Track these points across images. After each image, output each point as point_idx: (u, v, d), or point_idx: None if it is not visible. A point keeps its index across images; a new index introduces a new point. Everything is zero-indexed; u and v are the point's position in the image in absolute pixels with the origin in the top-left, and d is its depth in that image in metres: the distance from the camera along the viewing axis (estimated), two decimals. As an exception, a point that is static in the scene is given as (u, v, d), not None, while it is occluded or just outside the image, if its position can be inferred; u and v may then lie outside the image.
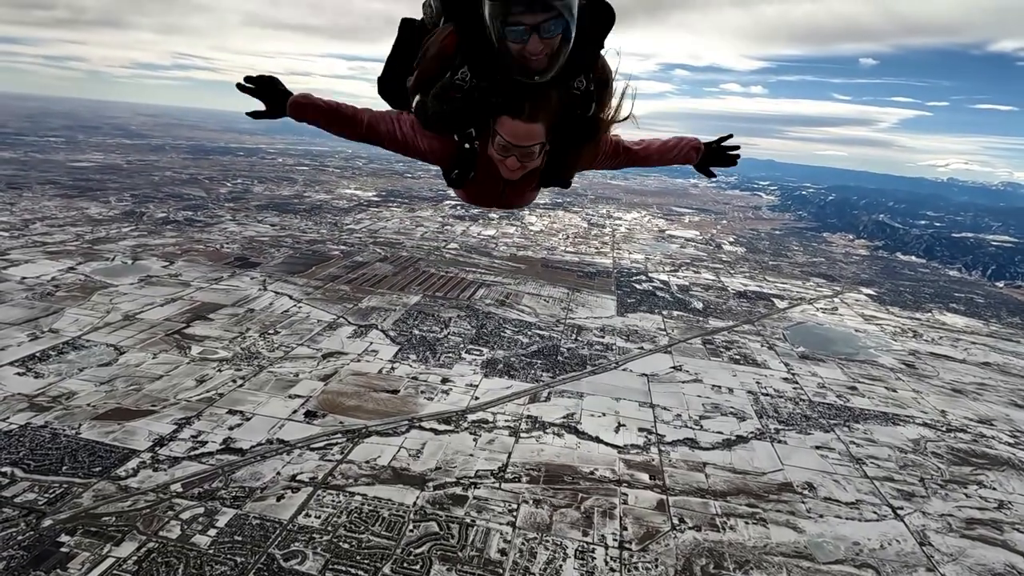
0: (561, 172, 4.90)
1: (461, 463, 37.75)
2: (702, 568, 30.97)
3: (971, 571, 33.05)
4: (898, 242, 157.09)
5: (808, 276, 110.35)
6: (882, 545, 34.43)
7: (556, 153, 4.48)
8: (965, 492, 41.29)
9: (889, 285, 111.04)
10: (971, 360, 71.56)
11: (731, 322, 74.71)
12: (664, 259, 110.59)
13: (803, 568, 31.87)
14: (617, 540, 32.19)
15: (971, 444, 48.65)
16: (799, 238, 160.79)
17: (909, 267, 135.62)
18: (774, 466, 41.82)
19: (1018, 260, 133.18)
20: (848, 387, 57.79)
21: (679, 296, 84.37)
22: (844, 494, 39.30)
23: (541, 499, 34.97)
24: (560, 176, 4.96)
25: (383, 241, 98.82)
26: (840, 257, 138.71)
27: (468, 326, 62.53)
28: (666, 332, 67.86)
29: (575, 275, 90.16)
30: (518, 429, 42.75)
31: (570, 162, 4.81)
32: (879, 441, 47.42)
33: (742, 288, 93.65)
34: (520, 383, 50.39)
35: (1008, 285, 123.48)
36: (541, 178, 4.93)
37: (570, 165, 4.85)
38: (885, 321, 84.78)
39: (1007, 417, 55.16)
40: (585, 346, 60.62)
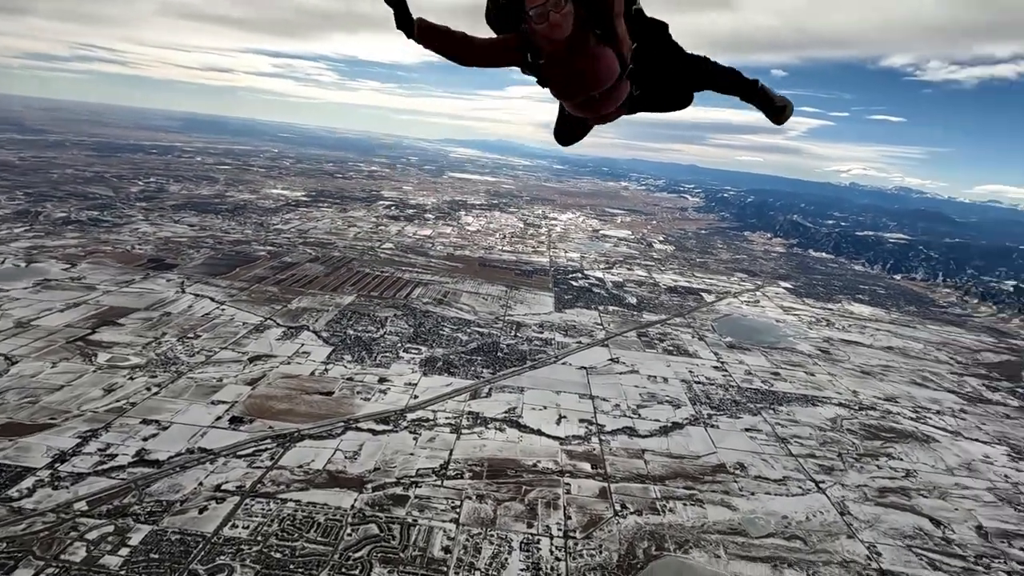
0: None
1: (401, 463, 36.51)
2: (644, 550, 31.46)
3: (885, 535, 35.56)
4: (810, 240, 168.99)
5: (732, 272, 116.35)
6: (808, 517, 36.40)
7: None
8: (877, 464, 44.53)
9: (804, 279, 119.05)
10: (877, 345, 77.75)
11: (664, 316, 77.26)
12: (599, 257, 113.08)
13: (738, 543, 33.10)
14: (562, 530, 32.13)
15: (880, 420, 52.66)
16: (723, 237, 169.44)
17: (820, 262, 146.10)
18: (708, 449, 43.37)
19: (912, 255, 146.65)
20: (772, 373, 61.11)
21: (614, 292, 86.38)
22: (772, 472, 41.32)
23: (485, 494, 34.38)
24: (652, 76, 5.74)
25: (314, 241, 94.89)
26: (760, 254, 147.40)
27: (405, 325, 60.99)
28: (603, 326, 69.16)
29: (513, 273, 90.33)
30: (459, 426, 41.96)
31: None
32: (801, 421, 50.37)
33: (673, 284, 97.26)
34: (460, 380, 49.59)
35: (904, 277, 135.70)
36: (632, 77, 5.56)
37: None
38: (802, 311, 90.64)
39: (909, 395, 60.22)
40: (525, 342, 60.65)
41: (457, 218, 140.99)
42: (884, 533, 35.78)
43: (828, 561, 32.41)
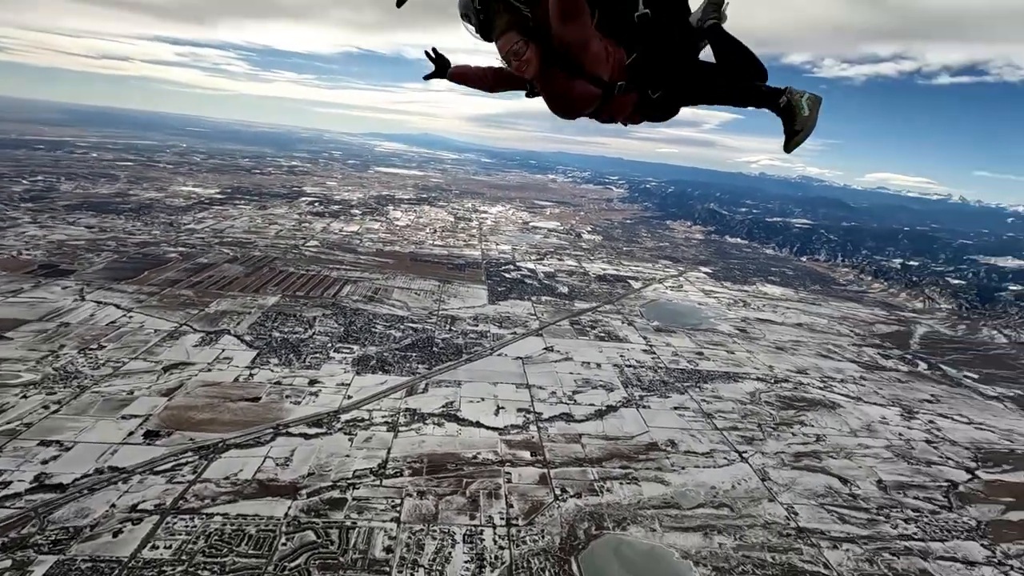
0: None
1: (337, 465, 35.35)
2: (585, 531, 32.31)
3: (801, 496, 38.50)
4: (726, 227, 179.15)
5: (657, 259, 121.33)
6: (733, 485, 38.74)
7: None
8: (792, 432, 48.09)
9: (722, 264, 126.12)
10: (788, 322, 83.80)
11: (594, 303, 79.35)
12: (530, 249, 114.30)
13: (672, 516, 34.71)
14: (504, 518, 32.35)
15: (793, 391, 56.86)
16: (647, 226, 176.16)
17: (736, 248, 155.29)
18: (641, 429, 45.11)
19: (815, 239, 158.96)
20: (696, 353, 64.37)
21: (546, 282, 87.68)
22: (700, 446, 43.61)
23: (425, 490, 33.99)
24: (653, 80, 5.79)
25: (231, 241, 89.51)
26: (681, 241, 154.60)
27: (335, 324, 58.95)
28: (536, 316, 70.06)
29: (445, 267, 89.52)
30: (396, 423, 41.18)
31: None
32: (724, 397, 53.45)
33: (602, 272, 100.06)
34: (395, 377, 48.63)
35: (809, 259, 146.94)
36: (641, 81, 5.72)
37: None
38: (721, 294, 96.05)
39: (817, 367, 65.40)
40: (460, 335, 60.34)
41: (385, 213, 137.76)
42: (800, 494, 38.73)
43: (753, 524, 34.68)
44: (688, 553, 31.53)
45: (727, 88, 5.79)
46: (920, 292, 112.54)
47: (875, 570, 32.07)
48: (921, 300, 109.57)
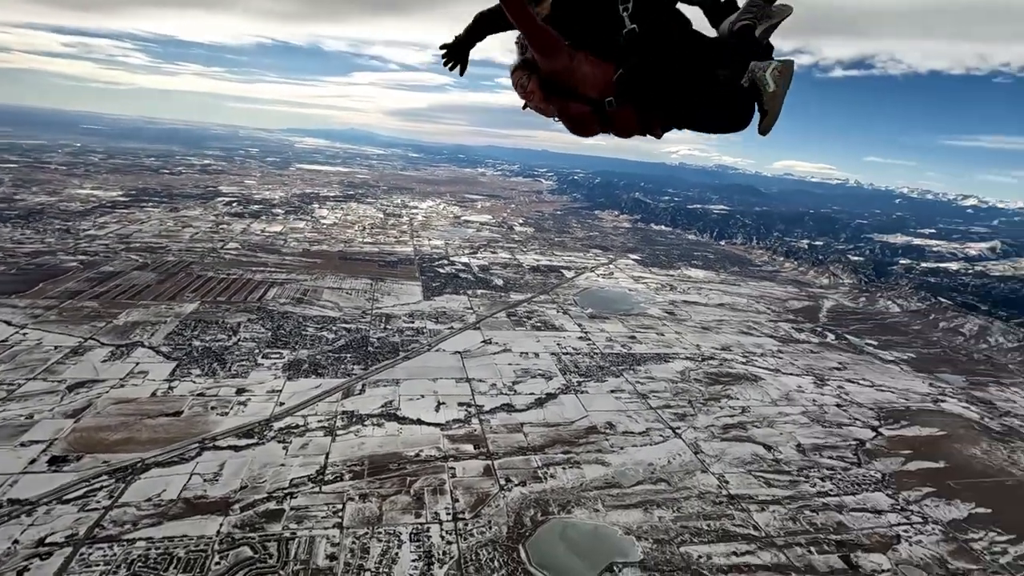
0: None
1: (272, 476, 33.78)
2: (531, 518, 32.74)
3: (731, 465, 40.87)
4: (651, 215, 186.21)
5: (587, 248, 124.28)
6: (669, 461, 40.52)
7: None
8: (719, 405, 50.89)
9: (649, 250, 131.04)
10: (711, 303, 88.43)
11: (529, 294, 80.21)
12: (463, 243, 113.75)
13: (613, 495, 35.85)
14: (450, 513, 32.18)
15: (719, 367, 60.12)
16: (576, 216, 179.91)
17: (661, 235, 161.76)
18: (580, 414, 46.18)
19: (732, 223, 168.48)
20: (629, 337, 66.63)
21: (481, 275, 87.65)
22: (636, 426, 45.26)
23: (368, 493, 33.18)
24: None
25: (140, 247, 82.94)
26: (610, 230, 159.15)
27: (262, 329, 56.13)
28: (473, 310, 69.91)
29: (377, 265, 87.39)
30: (334, 427, 39.86)
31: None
32: (657, 377, 55.70)
33: (535, 263, 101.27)
34: (330, 380, 47.02)
35: (727, 243, 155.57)
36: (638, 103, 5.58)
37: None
38: (649, 279, 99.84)
39: (739, 343, 69.49)
40: (396, 333, 59.18)
41: (310, 212, 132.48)
42: (729, 463, 41.09)
43: (688, 496, 36.46)
44: (631, 529, 32.70)
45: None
46: (825, 269, 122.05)
47: (798, 527, 34.62)
48: (827, 276, 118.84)
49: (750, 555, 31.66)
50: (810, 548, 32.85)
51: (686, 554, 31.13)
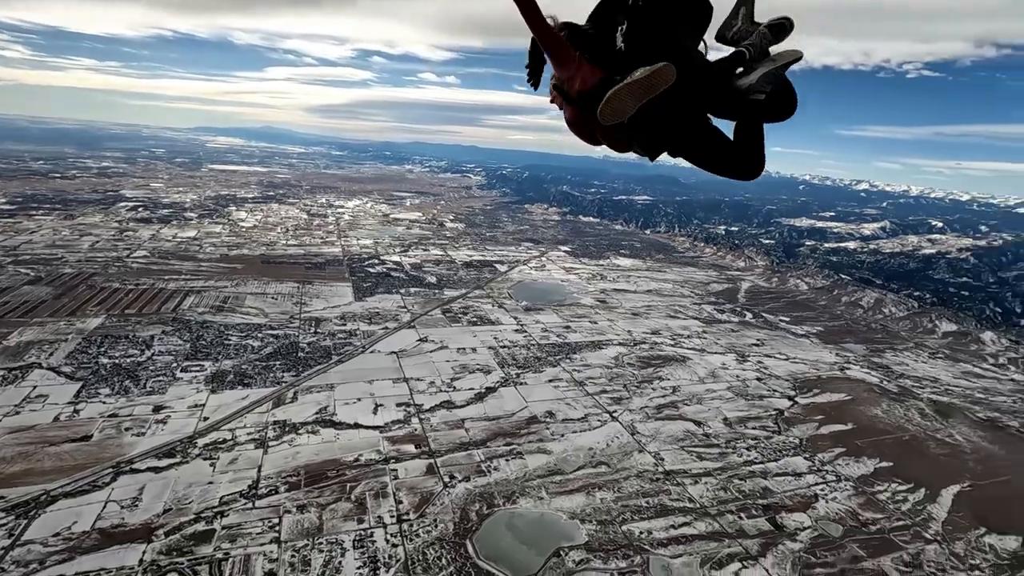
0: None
1: (199, 495, 31.75)
2: (477, 512, 32.74)
3: (665, 443, 42.70)
4: (579, 207, 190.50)
5: (519, 242, 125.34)
6: (608, 444, 41.76)
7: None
8: (652, 387, 52.99)
9: (579, 242, 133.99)
10: (640, 290, 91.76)
11: (464, 290, 79.89)
12: (393, 241, 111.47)
13: (556, 482, 36.51)
14: (395, 515, 31.58)
15: (650, 351, 62.55)
16: (507, 211, 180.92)
17: (589, 226, 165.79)
18: (520, 405, 46.63)
19: (655, 213, 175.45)
20: (564, 327, 67.93)
21: (413, 274, 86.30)
22: (575, 412, 46.28)
23: (306, 503, 31.92)
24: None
25: (30, 259, 75.10)
26: (540, 223, 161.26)
27: (180, 341, 52.49)
28: (407, 309, 68.74)
29: (303, 267, 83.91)
30: (265, 439, 38.01)
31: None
32: (592, 364, 57.17)
33: (468, 259, 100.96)
34: (258, 390, 44.74)
35: (652, 231, 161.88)
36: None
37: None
38: (580, 270, 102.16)
39: (667, 326, 72.60)
40: (327, 337, 57.16)
41: (227, 215, 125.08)
42: (664, 441, 42.93)
43: (628, 476, 37.76)
44: (575, 513, 33.45)
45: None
46: (741, 253, 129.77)
47: (728, 495, 36.74)
48: (743, 260, 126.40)
49: (686, 526, 33.26)
50: (740, 514, 34.96)
51: (628, 531, 32.25)
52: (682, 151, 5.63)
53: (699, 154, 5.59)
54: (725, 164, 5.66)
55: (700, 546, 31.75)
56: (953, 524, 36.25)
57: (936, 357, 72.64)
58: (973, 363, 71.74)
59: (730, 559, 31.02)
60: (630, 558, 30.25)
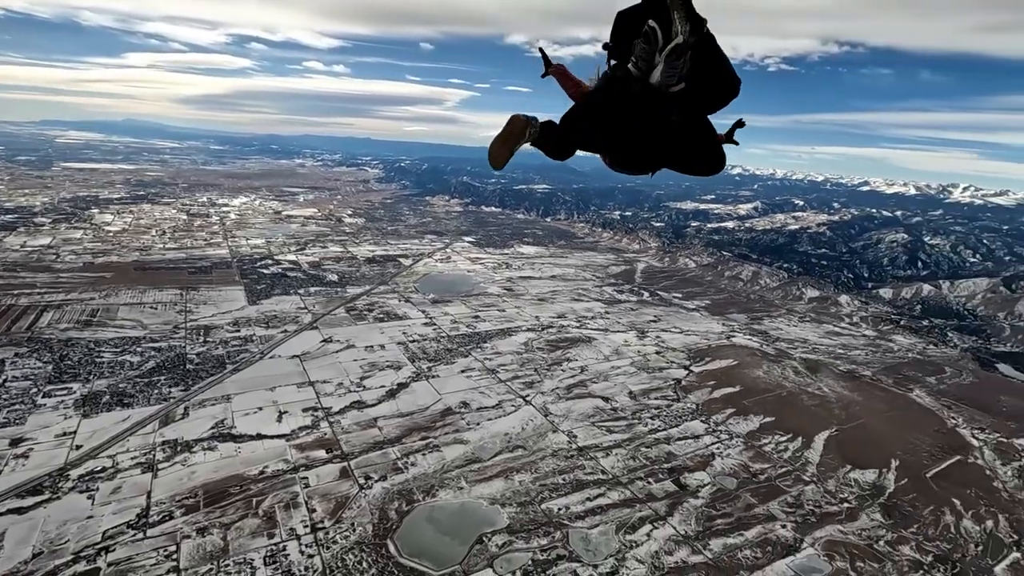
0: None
1: (76, 533, 28.25)
2: (396, 510, 32.09)
3: (577, 421, 44.36)
4: (480, 197, 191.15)
5: (422, 235, 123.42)
6: (523, 428, 42.60)
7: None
8: (562, 369, 54.71)
9: (482, 232, 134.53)
10: (544, 276, 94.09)
11: (368, 286, 77.38)
12: (288, 239, 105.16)
13: (475, 470, 36.69)
14: (308, 525, 30.12)
15: (557, 334, 64.47)
16: (407, 204, 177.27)
17: (492, 216, 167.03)
18: (434, 398, 46.20)
19: (554, 201, 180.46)
20: (473, 317, 68.09)
21: (312, 272, 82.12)
22: (489, 400, 46.69)
23: (207, 525, 29.51)
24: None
25: None
26: (443, 215, 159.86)
27: (39, 363, 46.10)
28: (307, 309, 65.36)
29: (186, 272, 76.78)
30: (154, 461, 34.56)
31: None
32: (503, 351, 57.89)
33: (370, 254, 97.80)
34: (141, 409, 40.51)
35: (553, 219, 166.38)
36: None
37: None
38: (486, 260, 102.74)
39: (572, 310, 75.20)
40: (219, 345, 52.91)
41: (88, 218, 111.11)
42: (576, 420, 44.59)
43: (544, 456, 38.81)
44: (495, 499, 33.85)
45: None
46: (636, 236, 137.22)
47: (637, 463, 38.98)
48: (637, 242, 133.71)
49: (601, 497, 34.88)
50: (648, 480, 37.26)
51: (547, 509, 33.21)
52: (664, 163, 6.25)
53: (676, 162, 6.23)
54: (695, 166, 6.35)
55: (615, 514, 33.45)
56: (825, 465, 41.12)
57: (804, 320, 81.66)
58: (833, 323, 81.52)
59: (642, 522, 32.99)
60: (551, 534, 31.20)
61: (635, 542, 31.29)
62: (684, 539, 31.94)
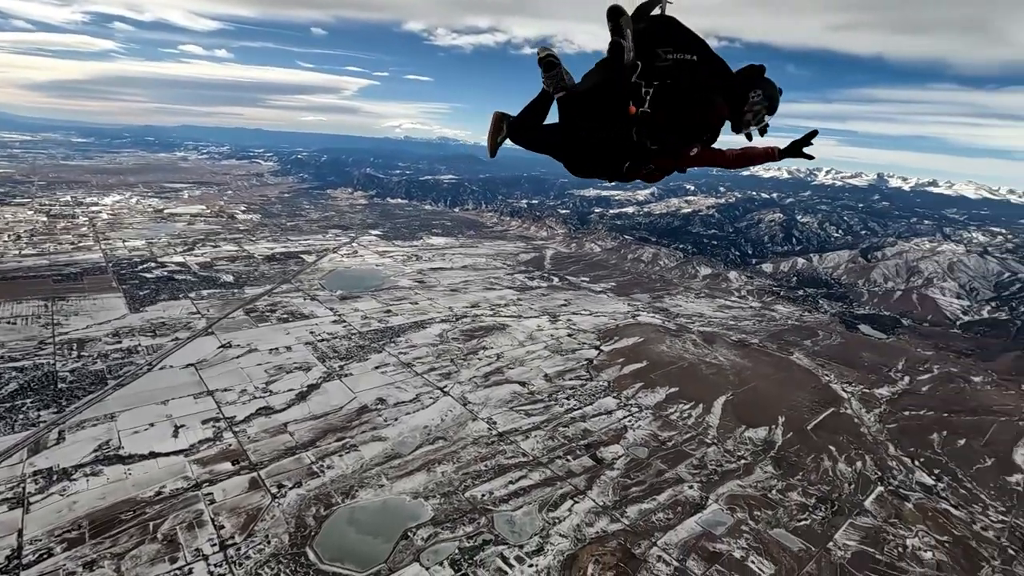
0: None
1: (-72, 587, 24.39)
2: (314, 516, 30.78)
3: (496, 407, 44.85)
4: (385, 189, 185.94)
5: (326, 229, 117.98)
6: (442, 419, 42.37)
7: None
8: (478, 357, 54.93)
9: (389, 225, 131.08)
10: (456, 266, 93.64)
11: (268, 286, 72.85)
12: (173, 240, 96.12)
13: (396, 466, 36.01)
14: (216, 543, 28.09)
15: (472, 323, 64.56)
16: (307, 198, 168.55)
17: (398, 207, 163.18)
18: (348, 398, 44.63)
19: (462, 191, 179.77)
20: (384, 312, 66.38)
21: (203, 274, 75.84)
22: (406, 395, 45.91)
23: (96, 558, 26.61)
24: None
25: None
26: (346, 208, 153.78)
27: None
28: (201, 314, 60.38)
29: (50, 281, 67.88)
30: (24, 495, 30.51)
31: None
32: (418, 344, 57.05)
33: (269, 252, 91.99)
34: (3, 438, 35.53)
35: (461, 209, 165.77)
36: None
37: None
38: (395, 253, 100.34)
39: (485, 298, 75.57)
40: (97, 359, 47.53)
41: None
42: (494, 406, 45.06)
43: (465, 445, 38.90)
44: (418, 492, 33.48)
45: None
46: (543, 223, 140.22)
47: (556, 443, 40.18)
48: (545, 229, 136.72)
49: (524, 479, 35.62)
50: (568, 457, 38.56)
51: (472, 497, 33.38)
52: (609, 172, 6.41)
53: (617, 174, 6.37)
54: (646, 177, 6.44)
55: (537, 494, 34.31)
56: (723, 428, 44.74)
57: (700, 296, 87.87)
58: (724, 297, 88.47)
59: (563, 499, 34.13)
60: (476, 521, 31.42)
61: (558, 518, 32.32)
62: (603, 509, 33.47)
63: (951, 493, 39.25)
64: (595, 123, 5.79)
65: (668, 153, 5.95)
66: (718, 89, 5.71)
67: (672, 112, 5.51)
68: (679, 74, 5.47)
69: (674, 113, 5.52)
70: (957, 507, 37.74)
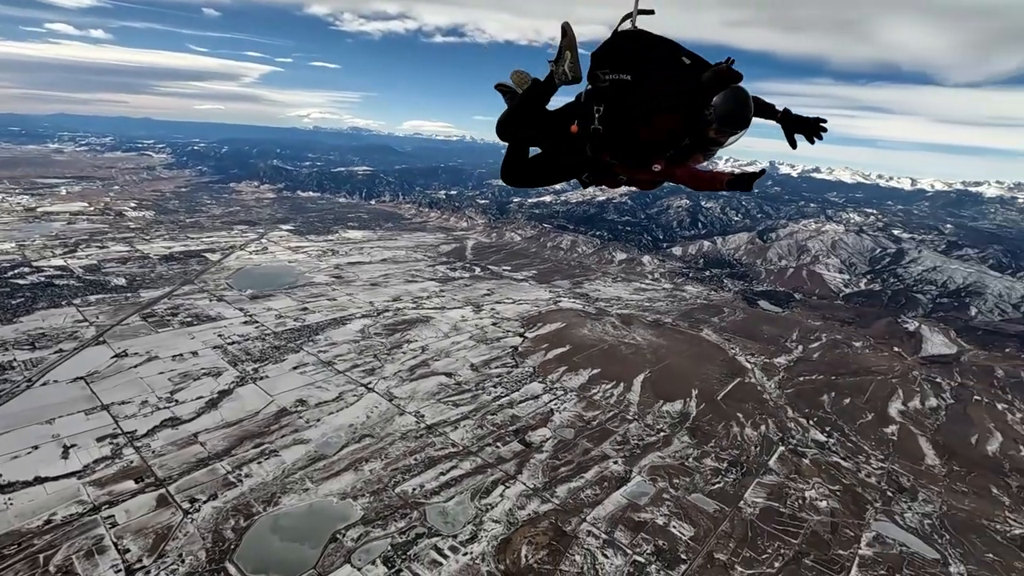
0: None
1: None
2: (233, 528, 29.02)
3: (423, 400, 44.32)
4: (295, 182, 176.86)
5: (230, 226, 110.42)
6: (368, 416, 41.29)
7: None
8: (402, 351, 53.94)
9: (301, 219, 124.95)
10: (375, 260, 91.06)
11: (168, 288, 67.22)
12: (49, 241, 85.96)
13: (321, 468, 34.69)
14: (122, 569, 25.76)
15: (394, 317, 63.21)
16: (208, 192, 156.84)
17: (310, 201, 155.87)
18: (265, 401, 42.32)
19: (377, 183, 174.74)
20: (300, 310, 63.39)
21: (90, 278, 68.58)
22: (328, 394, 44.26)
23: (-27, 601, 23.59)
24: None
25: None
26: (253, 203, 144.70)
27: None
28: (89, 322, 54.66)
29: None
30: None
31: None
32: (338, 342, 55.07)
33: (166, 251, 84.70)
34: None
35: (377, 201, 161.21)
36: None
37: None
38: (309, 248, 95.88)
39: (407, 291, 74.19)
40: (-38, 379, 41.79)
41: None
42: (421, 399, 44.52)
43: (393, 440, 38.19)
44: (346, 493, 32.49)
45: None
46: (463, 214, 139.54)
47: (485, 431, 40.42)
48: (464, 220, 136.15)
49: (455, 469, 35.57)
50: (497, 444, 38.92)
51: (402, 492, 32.88)
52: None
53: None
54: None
55: (468, 483, 34.40)
56: (643, 404, 47.00)
57: (617, 281, 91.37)
58: (639, 281, 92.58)
59: (495, 485, 34.46)
60: (408, 516, 31.01)
61: (490, 504, 32.60)
62: (534, 492, 34.16)
63: (840, 447, 43.71)
64: (549, 142, 5.98)
65: (632, 168, 5.83)
66: (666, 106, 5.29)
67: (619, 130, 5.51)
68: (617, 94, 5.46)
69: (620, 131, 5.51)
70: (845, 459, 42.11)
